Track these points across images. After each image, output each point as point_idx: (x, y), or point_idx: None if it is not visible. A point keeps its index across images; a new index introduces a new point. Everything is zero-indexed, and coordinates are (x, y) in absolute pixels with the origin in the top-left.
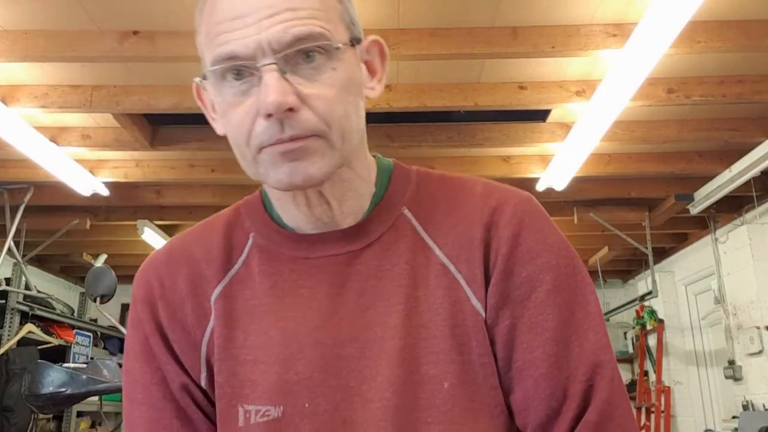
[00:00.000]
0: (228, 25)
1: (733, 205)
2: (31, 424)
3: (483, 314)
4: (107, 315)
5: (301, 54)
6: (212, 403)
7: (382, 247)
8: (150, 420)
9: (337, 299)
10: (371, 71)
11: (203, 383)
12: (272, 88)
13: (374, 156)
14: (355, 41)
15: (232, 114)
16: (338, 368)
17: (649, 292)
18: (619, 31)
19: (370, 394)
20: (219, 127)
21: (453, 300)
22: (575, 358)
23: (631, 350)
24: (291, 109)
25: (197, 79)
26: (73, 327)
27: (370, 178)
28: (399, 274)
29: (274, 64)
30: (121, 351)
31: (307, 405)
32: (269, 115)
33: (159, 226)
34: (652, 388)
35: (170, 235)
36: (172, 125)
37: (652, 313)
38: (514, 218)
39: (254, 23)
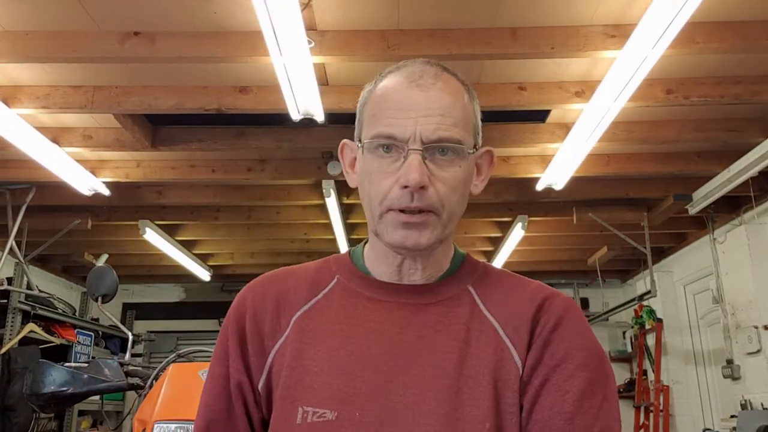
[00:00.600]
0: (394, 113)
1: (732, 205)
2: (32, 423)
3: (521, 370)
4: (109, 315)
5: (439, 149)
6: (259, 408)
7: (446, 307)
8: (208, 406)
9: (399, 337)
10: (479, 172)
11: (260, 385)
12: (415, 168)
13: (453, 245)
14: (477, 148)
15: (374, 177)
16: (388, 391)
17: (648, 292)
18: (618, 32)
19: (414, 418)
20: (352, 181)
21: (498, 357)
22: (588, 423)
23: (629, 349)
24: (423, 187)
25: (347, 141)
26: (74, 326)
27: (448, 258)
28: (456, 331)
29: (420, 151)
30: (122, 350)
31: (357, 414)
32: (406, 187)
33: (160, 226)
34: (651, 388)
35: (171, 235)
36: (173, 125)
37: (651, 312)
38: (560, 307)
39: (414, 117)
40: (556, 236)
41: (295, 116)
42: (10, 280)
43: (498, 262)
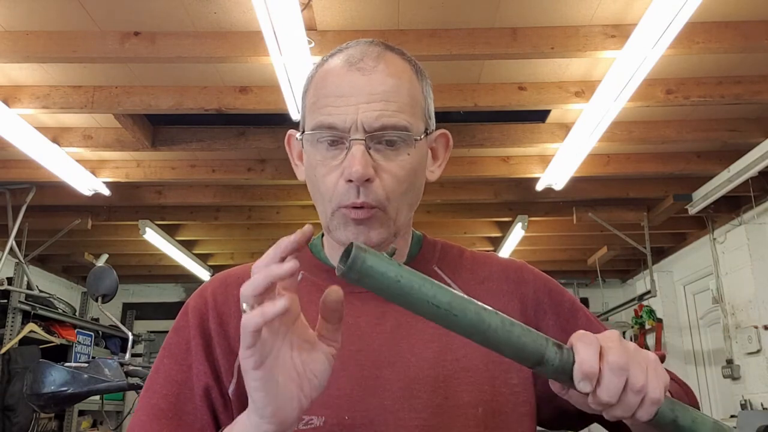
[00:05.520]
0: (333, 100)
1: (732, 205)
2: (32, 423)
3: None
4: (109, 314)
5: (384, 137)
6: (229, 415)
7: None
8: (155, 407)
9: (376, 328)
10: (434, 157)
11: (231, 389)
12: (357, 160)
13: None
14: (428, 132)
15: (319, 170)
16: (375, 387)
17: (648, 292)
18: (618, 32)
19: (403, 414)
20: (300, 174)
21: None
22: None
23: None
24: (368, 180)
25: (292, 131)
26: (74, 326)
27: (408, 241)
28: None
29: (363, 140)
30: (122, 350)
31: (347, 417)
32: (350, 181)
33: (160, 226)
34: None
35: (171, 235)
36: (173, 125)
37: (651, 312)
38: (532, 273)
39: (354, 104)
40: (556, 236)
41: (295, 116)
42: (10, 280)
43: None
